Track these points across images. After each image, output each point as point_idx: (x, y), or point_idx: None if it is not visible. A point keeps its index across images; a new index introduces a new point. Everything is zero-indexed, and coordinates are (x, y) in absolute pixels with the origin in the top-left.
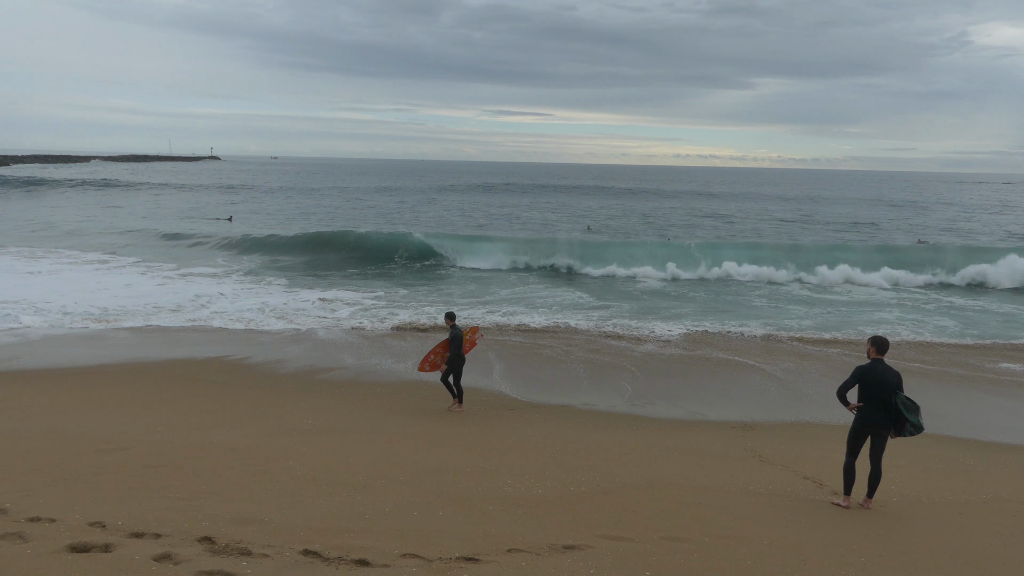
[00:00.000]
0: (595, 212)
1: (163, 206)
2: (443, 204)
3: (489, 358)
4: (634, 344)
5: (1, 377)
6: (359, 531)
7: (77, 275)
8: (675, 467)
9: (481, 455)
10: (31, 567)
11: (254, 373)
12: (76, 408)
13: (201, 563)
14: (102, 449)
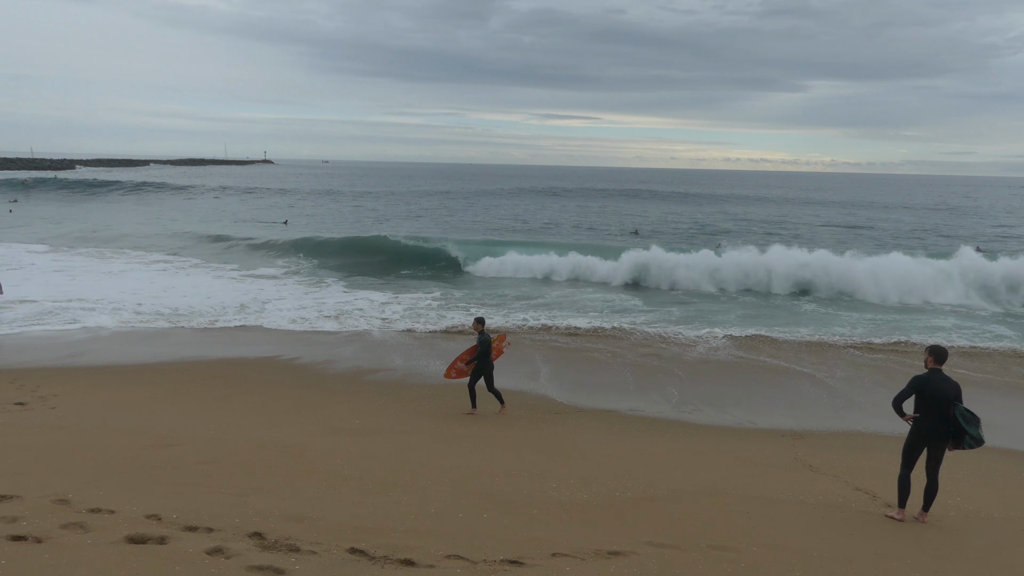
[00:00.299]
0: (643, 216)
1: (220, 209)
2: (494, 209)
3: (535, 361)
4: (682, 348)
5: (66, 373)
6: (405, 531)
7: (146, 275)
8: (723, 475)
9: (526, 459)
10: (92, 556)
11: (304, 373)
12: (134, 404)
13: (251, 558)
14: (158, 444)
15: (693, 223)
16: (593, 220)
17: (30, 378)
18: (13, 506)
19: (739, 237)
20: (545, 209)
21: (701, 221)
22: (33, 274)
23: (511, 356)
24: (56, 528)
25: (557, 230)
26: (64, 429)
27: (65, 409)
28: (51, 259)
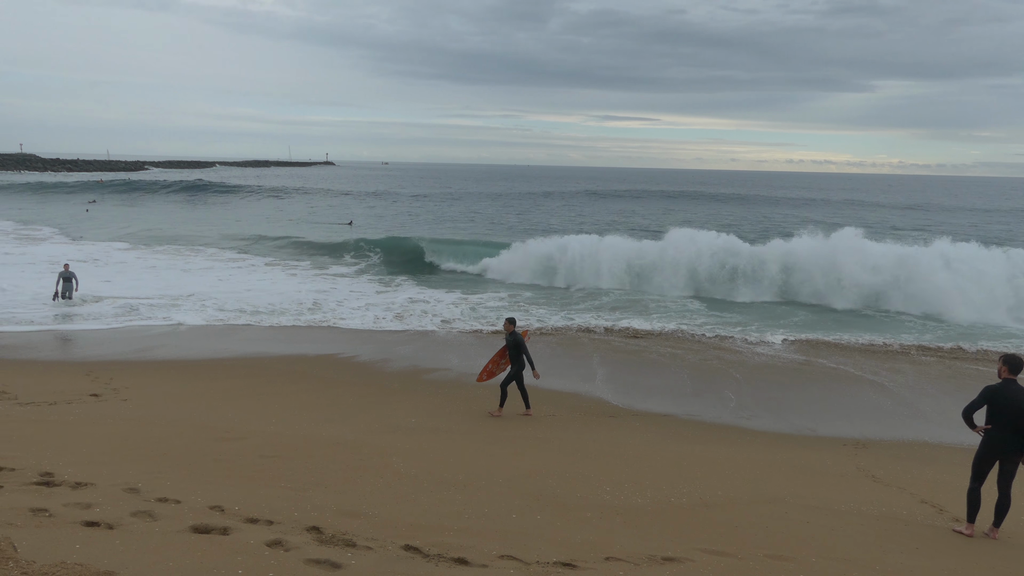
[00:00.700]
0: (702, 218)
1: (285, 209)
2: (555, 210)
3: (593, 363)
4: (742, 352)
5: (138, 366)
6: (458, 530)
7: (225, 273)
8: (782, 483)
9: (580, 461)
10: (159, 544)
11: (362, 371)
12: (201, 398)
13: (309, 551)
14: (222, 438)
15: (754, 226)
16: (650, 222)
17: (104, 371)
18: (87, 493)
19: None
20: (603, 211)
21: (763, 224)
22: (117, 270)
23: (568, 357)
24: (127, 515)
25: (615, 232)
26: (135, 420)
27: (136, 401)
28: (134, 256)
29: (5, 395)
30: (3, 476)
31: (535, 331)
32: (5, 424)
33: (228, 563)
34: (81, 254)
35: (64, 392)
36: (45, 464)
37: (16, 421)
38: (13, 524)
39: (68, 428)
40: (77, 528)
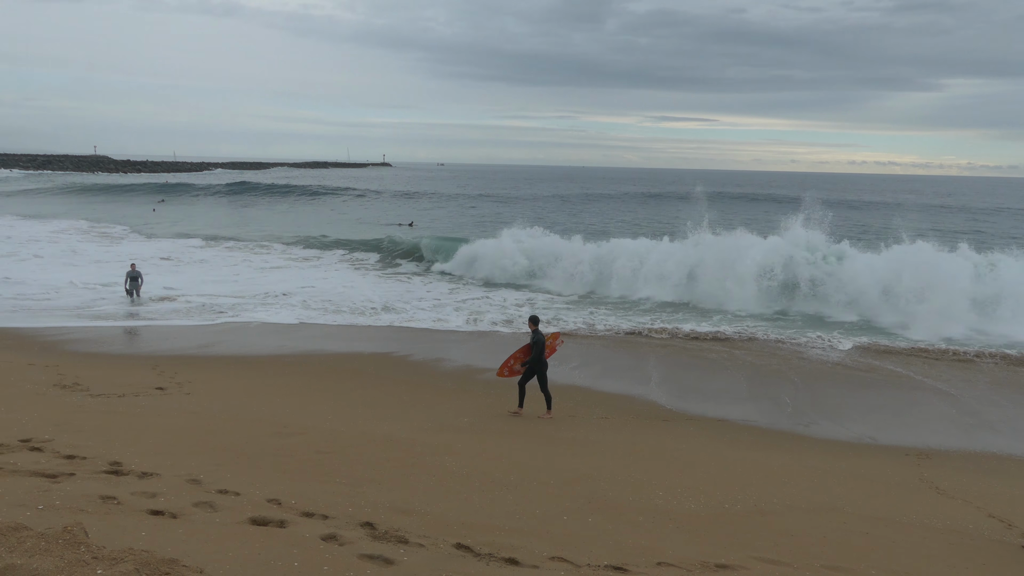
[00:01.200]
0: (760, 220)
1: (345, 210)
2: (612, 212)
3: (648, 365)
4: (800, 354)
5: (201, 361)
6: (509, 530)
7: (297, 272)
8: (840, 492)
9: (632, 465)
10: (220, 534)
11: (415, 370)
12: (260, 393)
13: (363, 546)
14: (280, 433)
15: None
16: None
17: (169, 365)
18: (152, 483)
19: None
20: (662, 212)
21: (846, 229)
22: (199, 268)
23: (622, 358)
24: (189, 505)
25: (673, 233)
26: (197, 414)
27: (199, 395)
28: (210, 254)
29: (78, 387)
30: (76, 464)
31: (585, 335)
32: (78, 415)
33: (285, 555)
34: (161, 252)
35: (132, 385)
36: (114, 454)
37: (88, 412)
38: (84, 510)
39: (135, 420)
40: (143, 516)
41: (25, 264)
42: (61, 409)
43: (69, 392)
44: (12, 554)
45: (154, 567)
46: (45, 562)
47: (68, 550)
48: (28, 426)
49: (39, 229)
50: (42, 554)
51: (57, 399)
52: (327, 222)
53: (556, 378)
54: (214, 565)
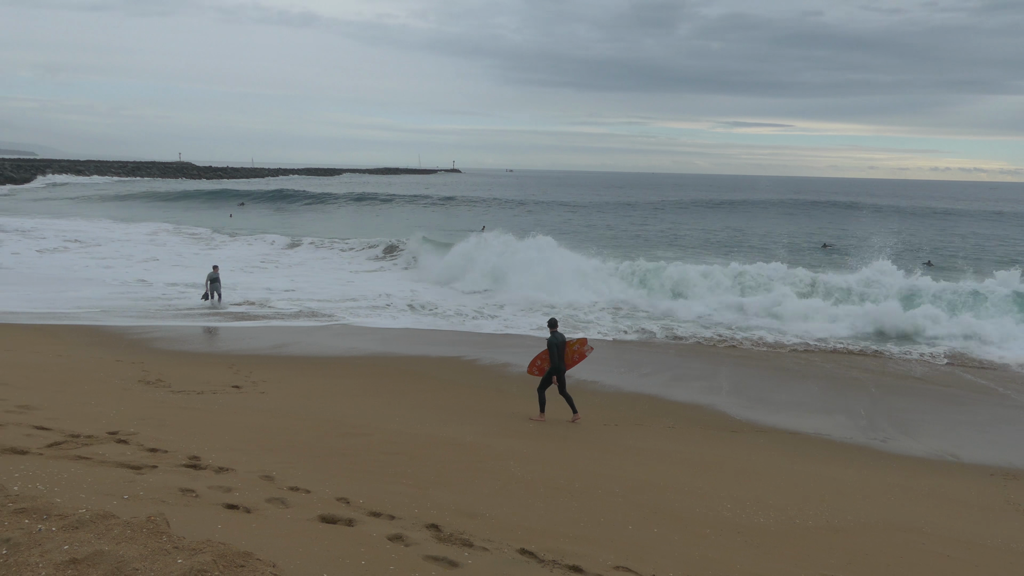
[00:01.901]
0: (827, 230)
1: (416, 217)
2: (685, 223)
3: (719, 374)
4: (879, 367)
5: (274, 361)
6: (574, 537)
7: (379, 276)
8: (918, 512)
9: (699, 476)
10: (291, 530)
11: (482, 374)
12: (330, 393)
13: (428, 548)
14: (348, 433)
15: (898, 238)
16: (781, 230)
17: (245, 364)
18: (228, 478)
19: (950, 256)
20: (731, 220)
21: (906, 237)
22: (297, 272)
23: (694, 366)
24: (262, 501)
25: (746, 242)
26: (271, 412)
27: (273, 395)
28: (305, 255)
29: (161, 383)
30: (158, 457)
31: (661, 341)
32: (161, 410)
33: (352, 554)
34: (252, 254)
35: (210, 383)
36: (193, 448)
37: (170, 407)
38: (165, 501)
39: (213, 416)
40: (219, 509)
41: (146, 265)
42: (145, 404)
43: (152, 388)
44: (100, 540)
45: (230, 559)
46: (130, 550)
47: (151, 539)
48: (115, 419)
49: (133, 231)
50: (127, 542)
51: (141, 394)
52: (405, 227)
53: (623, 384)
54: (285, 560)
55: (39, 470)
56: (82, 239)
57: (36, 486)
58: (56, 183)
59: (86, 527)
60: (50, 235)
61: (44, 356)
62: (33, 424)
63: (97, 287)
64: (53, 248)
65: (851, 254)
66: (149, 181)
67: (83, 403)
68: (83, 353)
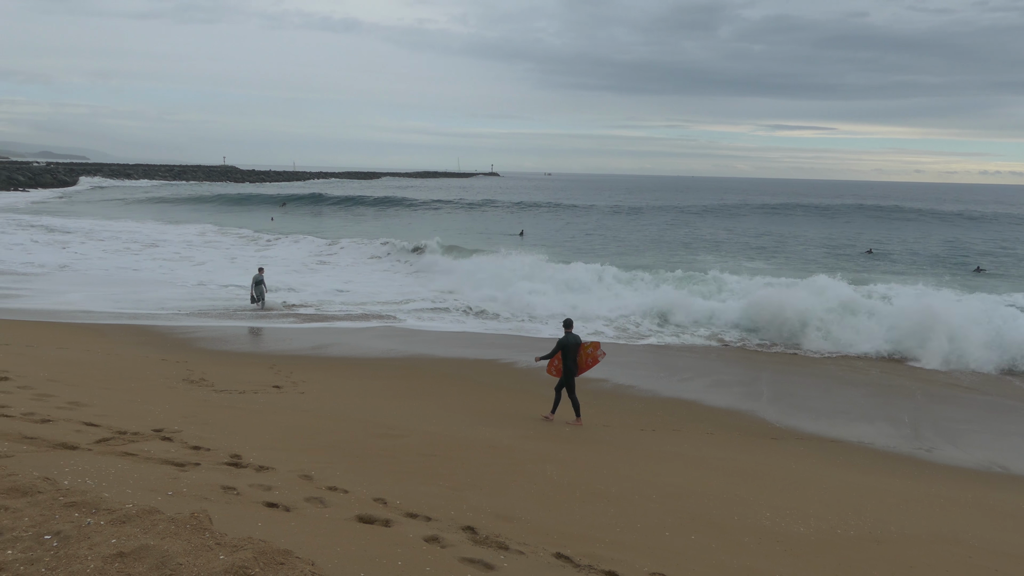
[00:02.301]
0: (867, 233)
1: (455, 221)
2: (732, 227)
3: (760, 380)
4: (925, 376)
5: (313, 362)
6: (610, 542)
7: (419, 278)
8: (965, 524)
9: (738, 483)
10: (328, 529)
11: (520, 377)
12: (368, 394)
13: (464, 550)
14: (386, 434)
15: (944, 243)
16: (827, 236)
17: (286, 365)
18: (268, 476)
19: (1004, 260)
20: (779, 225)
21: (956, 242)
22: (353, 273)
23: (735, 371)
24: (301, 500)
25: (790, 248)
26: (310, 412)
27: (312, 395)
28: (335, 258)
29: (204, 382)
30: (201, 455)
31: (703, 346)
32: (204, 408)
33: (389, 554)
34: (300, 254)
35: (252, 382)
36: (235, 447)
37: (213, 406)
38: (208, 499)
39: (254, 416)
40: (259, 508)
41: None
42: (189, 403)
43: (196, 387)
44: (146, 535)
45: (270, 556)
46: (174, 545)
47: (194, 535)
48: (160, 417)
49: (183, 232)
50: (172, 537)
51: (185, 393)
52: (443, 230)
53: (660, 389)
54: (324, 559)
55: (88, 465)
56: (140, 240)
57: (85, 481)
58: (101, 186)
59: (132, 522)
60: (107, 236)
61: (93, 354)
62: (82, 420)
63: (171, 288)
64: (115, 249)
65: (896, 259)
66: (194, 185)
67: (130, 401)
68: (130, 352)
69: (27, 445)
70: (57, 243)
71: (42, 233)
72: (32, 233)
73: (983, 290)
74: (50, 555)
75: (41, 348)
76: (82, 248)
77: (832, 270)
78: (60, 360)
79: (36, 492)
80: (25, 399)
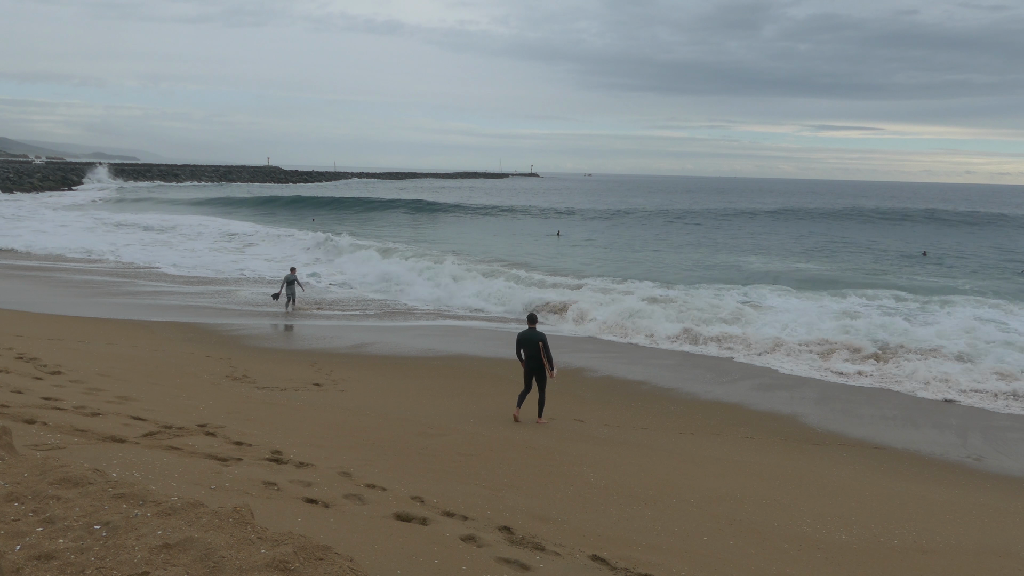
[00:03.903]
0: (935, 239)
1: (500, 227)
2: (779, 232)
3: (805, 384)
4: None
5: (354, 359)
6: (647, 546)
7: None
8: (1018, 536)
9: (778, 489)
10: (366, 527)
11: (559, 378)
12: (407, 393)
13: (500, 550)
14: (425, 433)
15: (996, 248)
16: (874, 239)
17: (327, 362)
18: (308, 472)
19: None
20: (827, 231)
21: (1006, 245)
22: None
23: (778, 376)
24: (340, 497)
25: (834, 255)
26: (350, 410)
27: (352, 392)
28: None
29: (247, 379)
30: (243, 450)
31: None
32: (247, 405)
33: (426, 552)
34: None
35: (293, 380)
36: (276, 443)
37: (255, 403)
38: (249, 493)
39: (295, 412)
40: (299, 503)
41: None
42: (232, 399)
43: (239, 383)
44: (191, 527)
45: (310, 551)
46: (217, 538)
47: (237, 529)
48: (204, 413)
49: (272, 232)
50: (215, 530)
51: (229, 389)
52: (488, 235)
53: (701, 392)
54: (362, 555)
55: (135, 458)
56: (237, 235)
57: (133, 473)
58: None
59: (178, 514)
60: (191, 233)
61: (141, 350)
62: (130, 415)
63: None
64: (210, 248)
65: (947, 263)
66: (238, 186)
67: (175, 396)
68: (176, 348)
69: (78, 438)
70: (160, 242)
71: (139, 232)
72: (130, 232)
73: None
74: (99, 544)
75: (92, 343)
76: (186, 244)
77: (886, 273)
78: (110, 355)
79: (87, 483)
80: (77, 393)
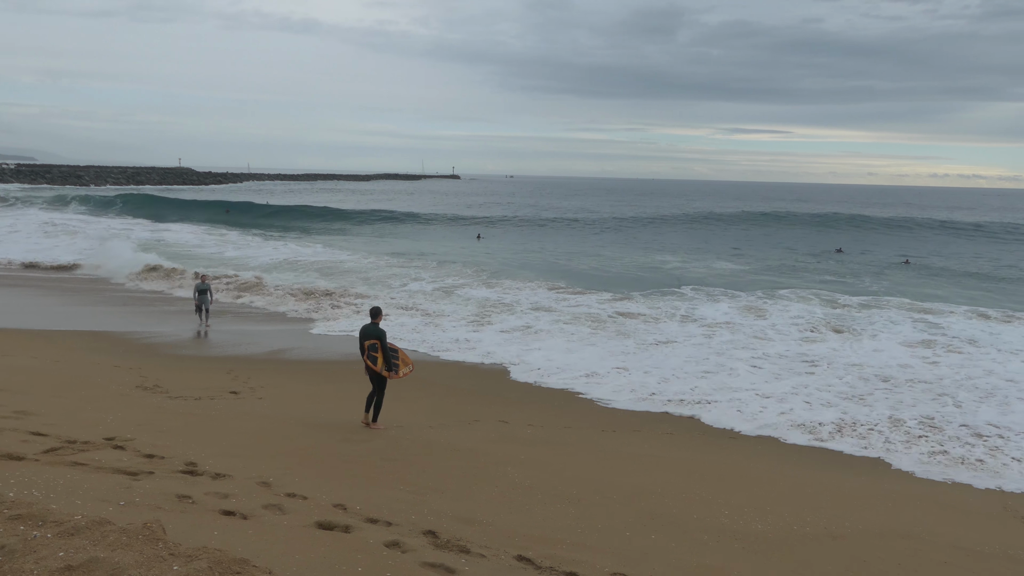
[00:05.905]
0: (837, 238)
1: (413, 233)
2: (714, 238)
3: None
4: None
5: (272, 366)
6: (571, 544)
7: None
8: (919, 519)
9: (697, 483)
10: (287, 537)
11: (485, 380)
12: (328, 399)
13: (425, 555)
14: (348, 439)
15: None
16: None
17: (244, 370)
18: (225, 484)
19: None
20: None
21: (908, 246)
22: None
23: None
24: (259, 507)
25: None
26: (269, 418)
27: (271, 400)
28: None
29: (159, 389)
30: (155, 463)
31: None
32: (159, 415)
33: (349, 560)
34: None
35: (208, 388)
36: (190, 454)
37: (167, 413)
38: (162, 508)
39: (210, 422)
40: (216, 516)
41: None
42: (142, 410)
43: (150, 394)
44: (96, 547)
45: (226, 566)
46: (126, 556)
47: (147, 546)
48: (112, 425)
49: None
50: (123, 549)
51: (139, 400)
52: (413, 239)
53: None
54: (282, 567)
55: (35, 476)
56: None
57: (32, 492)
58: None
59: (82, 534)
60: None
61: (41, 361)
62: (29, 430)
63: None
64: None
65: (859, 259)
66: (150, 188)
67: (80, 409)
68: (81, 358)
69: None
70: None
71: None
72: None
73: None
74: None
75: None
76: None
77: (808, 271)
78: (5, 367)
79: None
80: None
